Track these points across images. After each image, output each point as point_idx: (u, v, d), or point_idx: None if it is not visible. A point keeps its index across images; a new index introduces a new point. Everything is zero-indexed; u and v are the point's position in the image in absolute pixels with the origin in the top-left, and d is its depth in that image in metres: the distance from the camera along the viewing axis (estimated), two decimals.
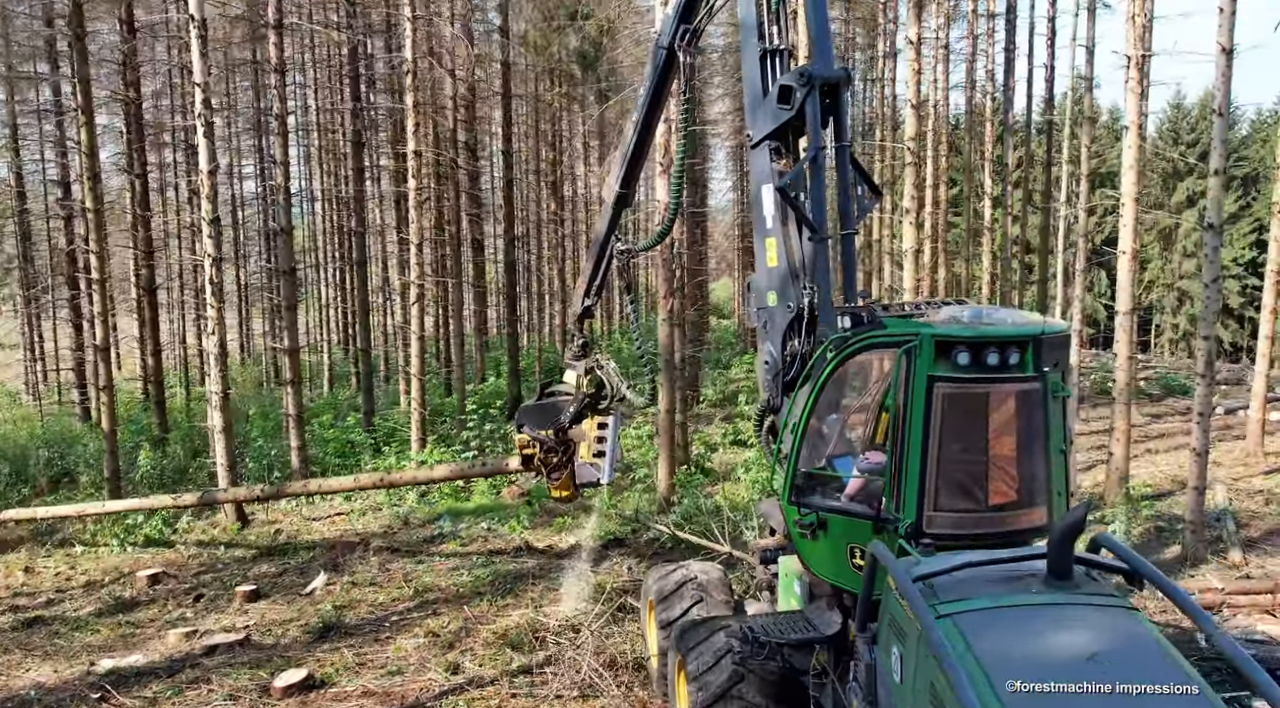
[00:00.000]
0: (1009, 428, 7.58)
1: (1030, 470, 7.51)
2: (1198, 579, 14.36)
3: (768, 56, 9.54)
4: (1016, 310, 8.34)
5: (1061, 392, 7.41)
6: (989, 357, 7.17)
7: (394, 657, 12.46)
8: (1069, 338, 7.78)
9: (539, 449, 12.63)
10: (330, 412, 30.17)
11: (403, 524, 18.93)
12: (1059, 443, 7.45)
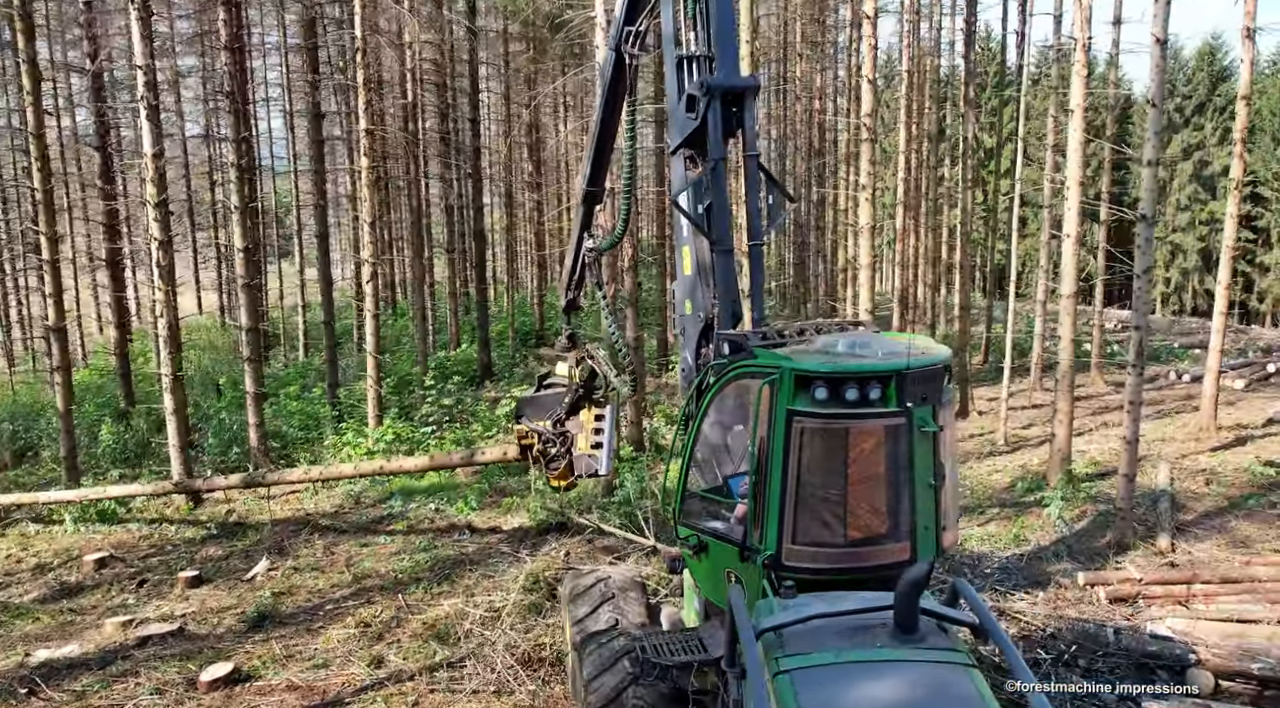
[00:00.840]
0: (870, 464, 7.47)
1: (893, 507, 7.39)
2: (1121, 569, 14.59)
3: (684, 63, 9.46)
4: (902, 339, 8.17)
5: (928, 427, 7.27)
6: (848, 392, 7.09)
7: (322, 648, 12.71)
8: (942, 370, 7.51)
9: (538, 440, 12.77)
10: (300, 381, 30.29)
11: (355, 503, 19.17)
12: (926, 478, 7.33)
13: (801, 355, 7.55)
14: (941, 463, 7.50)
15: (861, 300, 22.66)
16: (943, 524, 7.59)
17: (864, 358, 7.35)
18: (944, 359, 7.57)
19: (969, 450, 22.13)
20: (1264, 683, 11.11)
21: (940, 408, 7.46)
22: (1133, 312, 15.11)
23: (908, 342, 7.76)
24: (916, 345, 7.71)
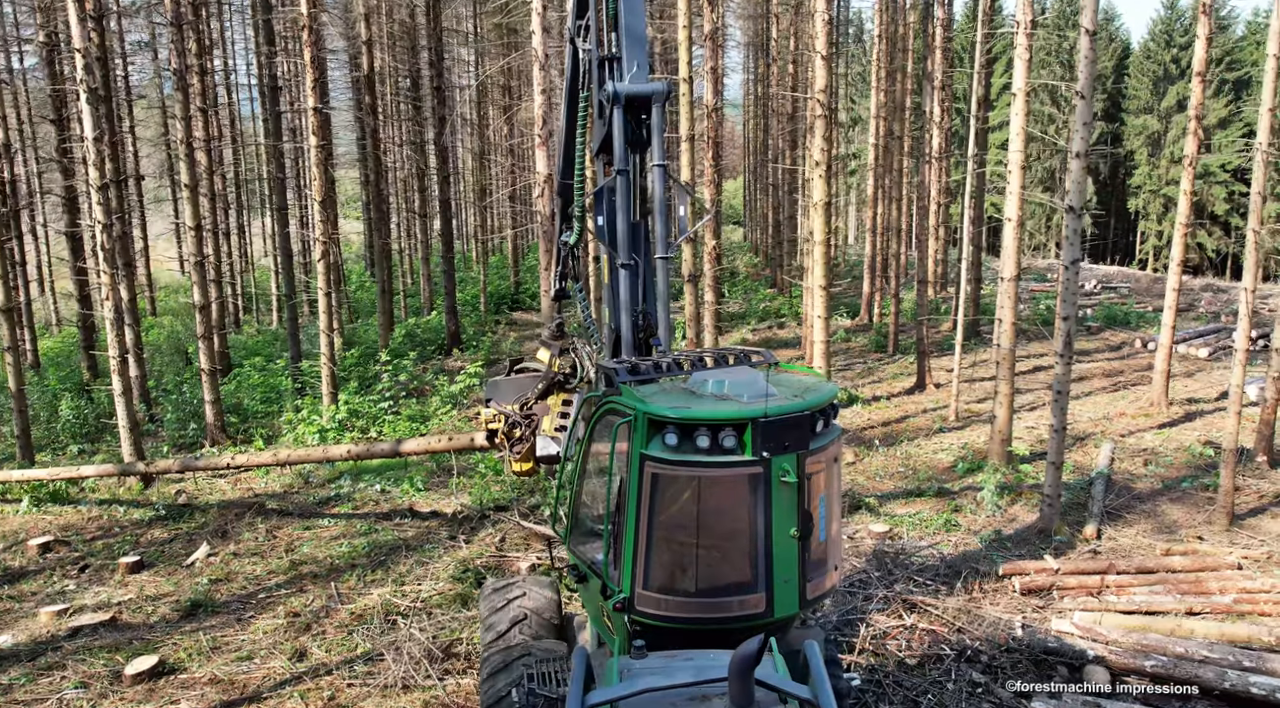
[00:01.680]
0: (724, 513, 7.13)
1: (748, 558, 7.02)
2: (1041, 559, 14.82)
3: (603, 64, 9.33)
4: (793, 374, 7.82)
5: (789, 477, 6.86)
6: (700, 439, 6.77)
7: (249, 640, 12.96)
8: (809, 417, 6.98)
9: (504, 423, 12.48)
10: (268, 349, 30.48)
11: (304, 483, 19.38)
12: (787, 529, 6.97)
13: (661, 396, 7.18)
14: (810, 513, 7.13)
15: (816, 276, 22.75)
16: (809, 576, 7.20)
17: (727, 401, 6.96)
18: (814, 404, 7.05)
19: (919, 426, 22.32)
20: (1157, 680, 11.38)
21: (810, 455, 7.03)
22: (1061, 303, 15.17)
23: (766, 385, 7.08)
24: (794, 386, 7.35)
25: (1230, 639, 12.25)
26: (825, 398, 7.19)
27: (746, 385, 7.12)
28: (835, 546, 7.62)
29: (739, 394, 7.04)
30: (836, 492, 7.57)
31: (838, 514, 7.65)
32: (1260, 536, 15.60)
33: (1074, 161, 14.61)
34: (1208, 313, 39.13)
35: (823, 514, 7.29)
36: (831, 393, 7.32)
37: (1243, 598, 13.34)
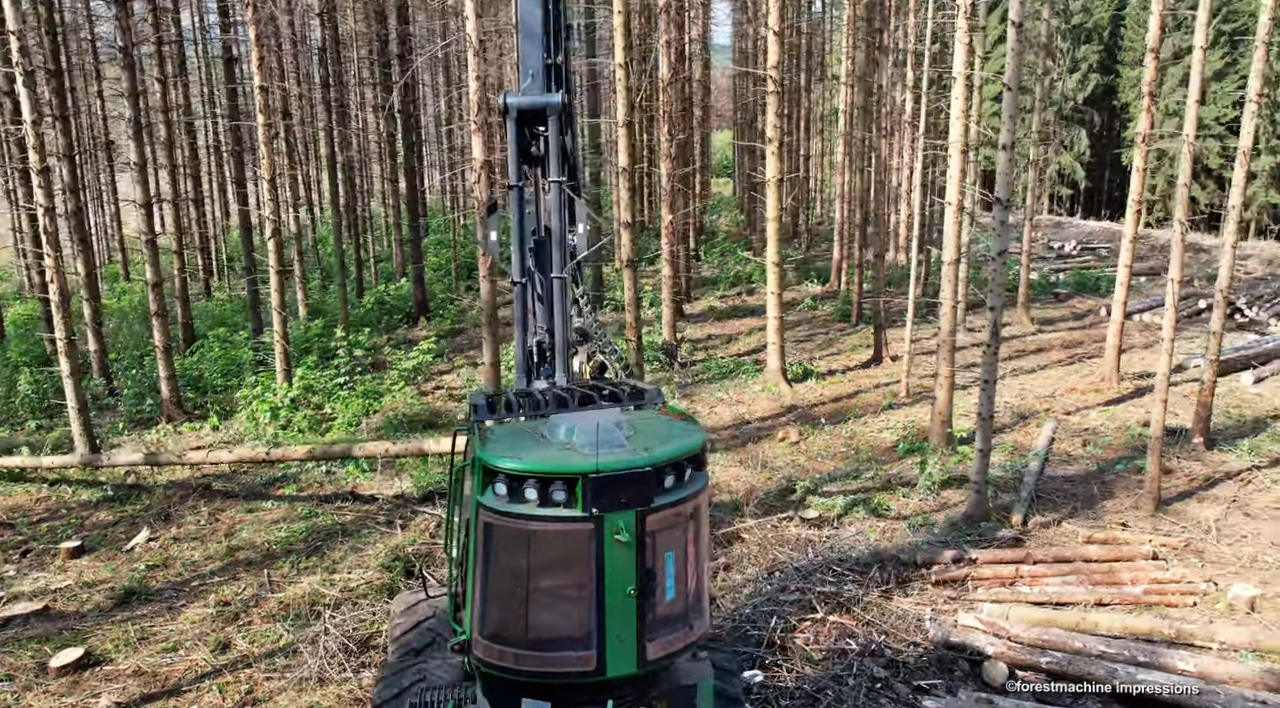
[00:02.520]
0: (554, 569, 6.92)
1: (578, 616, 6.81)
2: (964, 546, 15.05)
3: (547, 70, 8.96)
4: (664, 419, 7.39)
5: (622, 536, 6.60)
6: (528, 491, 6.63)
7: (178, 630, 13.23)
8: (660, 471, 6.71)
9: None
10: (234, 319, 30.55)
11: (252, 464, 19.55)
12: (623, 588, 6.70)
13: (505, 441, 7.01)
14: (652, 571, 6.85)
15: (769, 253, 22.80)
16: (653, 634, 6.89)
17: (567, 451, 6.71)
18: (660, 459, 6.71)
19: (870, 403, 22.48)
20: (1053, 676, 11.65)
21: (654, 512, 6.71)
22: (989, 294, 15.26)
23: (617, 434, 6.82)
24: (654, 435, 6.99)
25: (1133, 632, 12.52)
26: (679, 451, 6.85)
27: (596, 434, 6.82)
28: (697, 600, 7.26)
29: (583, 444, 6.76)
30: (700, 546, 7.24)
31: (700, 570, 7.28)
32: (1184, 522, 15.81)
33: (1001, 154, 14.61)
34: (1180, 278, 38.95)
35: (670, 572, 6.93)
36: (691, 445, 6.98)
37: (1153, 589, 13.59)
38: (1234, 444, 18.97)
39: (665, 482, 6.76)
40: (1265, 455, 18.50)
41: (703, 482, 7.10)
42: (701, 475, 7.11)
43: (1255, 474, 17.59)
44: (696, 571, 7.24)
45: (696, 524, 7.15)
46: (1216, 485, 17.17)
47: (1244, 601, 13.23)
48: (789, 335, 28.79)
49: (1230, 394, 22.51)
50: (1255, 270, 42.10)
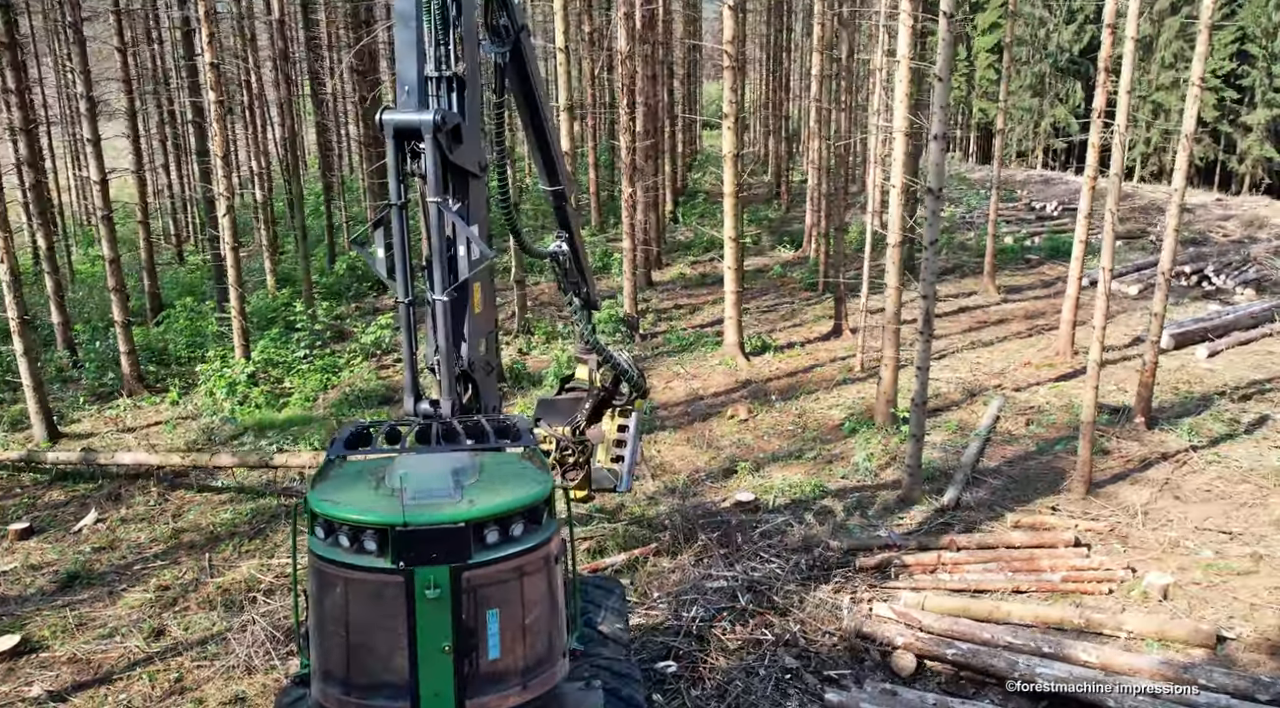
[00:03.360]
0: (367, 618, 6.80)
1: (392, 668, 6.75)
2: (893, 530, 15.33)
3: (428, 83, 8.60)
4: (503, 472, 7.17)
5: (433, 593, 6.50)
6: (342, 537, 6.67)
7: (115, 616, 13.54)
8: (481, 526, 6.64)
9: (555, 447, 11.84)
10: (203, 287, 30.64)
11: (208, 440, 19.81)
12: (437, 644, 6.60)
13: (339, 481, 7.09)
14: (472, 628, 6.71)
15: (726, 228, 22.87)
16: (476, 693, 6.79)
17: (390, 500, 6.65)
18: (481, 514, 6.61)
19: (824, 377, 22.67)
20: (958, 667, 11.97)
21: (472, 569, 6.62)
22: (921, 282, 15.38)
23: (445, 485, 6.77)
24: (491, 485, 6.90)
25: (1044, 621, 12.83)
26: (505, 506, 6.73)
27: (427, 481, 6.80)
28: (536, 658, 7.10)
29: (410, 493, 6.70)
30: (545, 601, 7.09)
31: (544, 626, 7.10)
32: (1113, 505, 16.08)
33: (933, 143, 14.66)
34: (1156, 241, 38.84)
35: (493, 630, 6.77)
36: (524, 498, 6.83)
37: (1071, 576, 13.87)
38: (1175, 424, 19.19)
39: (487, 538, 6.66)
40: (1205, 435, 18.73)
41: (543, 536, 6.95)
42: (541, 529, 6.94)
43: (1191, 456, 17.82)
44: (538, 627, 7.06)
45: (538, 579, 6.97)
46: (1151, 467, 17.42)
47: (1158, 589, 13.52)
48: (754, 305, 29.00)
49: (1181, 369, 22.71)
50: (1234, 233, 41.99)
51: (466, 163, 8.57)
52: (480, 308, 8.97)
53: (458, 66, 8.68)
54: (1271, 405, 20.35)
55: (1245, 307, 27.59)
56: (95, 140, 20.78)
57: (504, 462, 7.35)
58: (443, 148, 8.12)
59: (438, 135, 8.01)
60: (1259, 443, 18.44)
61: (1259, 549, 14.66)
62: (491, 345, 9.42)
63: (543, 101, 10.48)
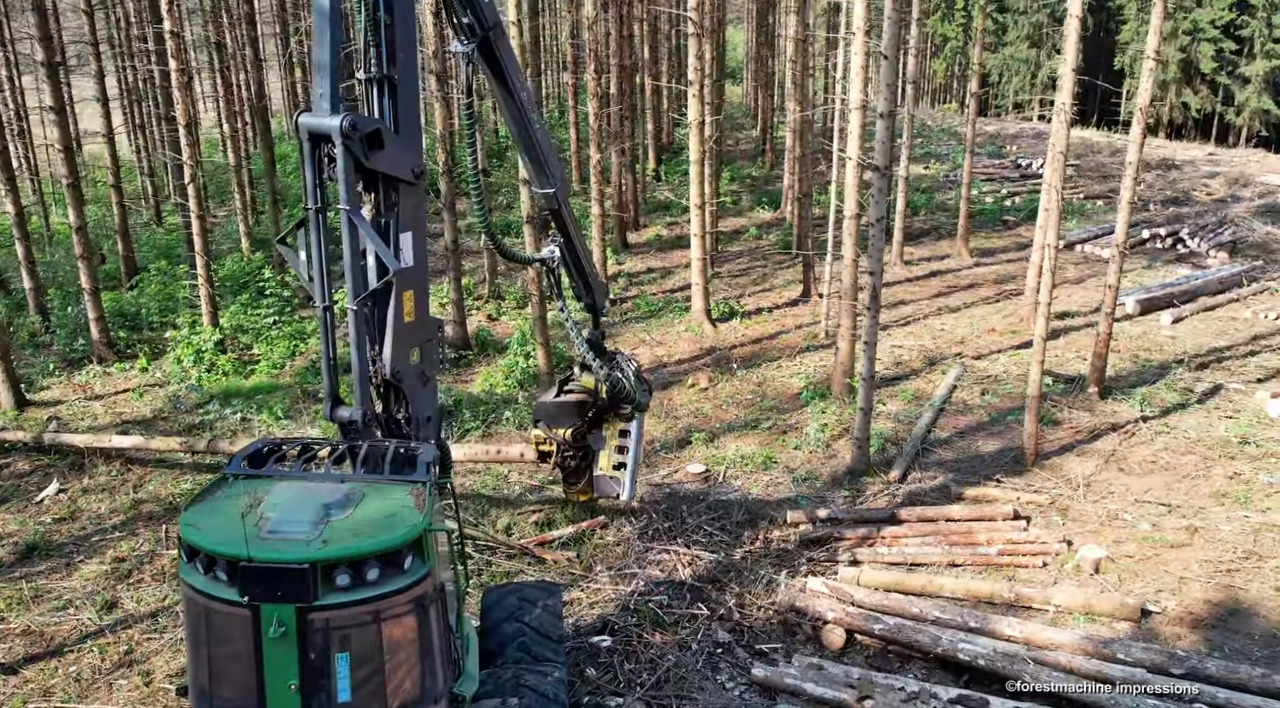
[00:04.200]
0: (222, 647, 6.93)
1: (246, 697, 6.83)
2: (839, 502, 15.61)
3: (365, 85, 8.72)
4: (372, 513, 7.07)
5: (275, 631, 6.53)
6: (199, 564, 6.79)
7: (71, 587, 13.84)
8: (328, 569, 6.60)
9: (557, 450, 11.97)
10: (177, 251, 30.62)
11: (173, 408, 20.02)
12: (285, 681, 6.64)
13: (219, 502, 7.17)
14: (319, 670, 6.72)
15: (692, 196, 22.93)
16: None
17: (245, 531, 6.64)
18: (326, 557, 6.56)
19: (788, 344, 22.84)
20: (885, 642, 12.28)
21: (319, 611, 6.61)
22: (868, 258, 15.52)
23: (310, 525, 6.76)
24: (358, 525, 6.85)
25: (975, 595, 13.14)
26: (359, 549, 6.63)
27: (292, 513, 6.82)
28: (399, 702, 7.06)
29: (270, 526, 6.72)
30: (401, 647, 7.01)
31: (404, 672, 7.06)
32: (1057, 477, 16.32)
33: (880, 123, 14.72)
34: (1138, 201, 38.76)
35: (343, 674, 6.70)
36: (383, 543, 6.72)
37: (1007, 550, 14.17)
38: (1129, 393, 19.39)
39: (337, 580, 6.60)
40: (1157, 405, 18.95)
41: (406, 580, 6.83)
42: (403, 574, 6.83)
43: (1141, 426, 18.04)
44: (401, 673, 7.01)
45: (400, 624, 6.90)
46: (1100, 438, 17.65)
47: (1090, 562, 13.81)
48: (727, 269, 29.14)
49: (1144, 337, 22.89)
50: (1217, 192, 41.86)
51: (392, 169, 8.43)
52: (412, 317, 8.76)
53: (389, 69, 8.55)
54: (1228, 374, 20.54)
55: (1215, 271, 27.71)
56: (58, 108, 20.77)
57: (388, 497, 7.26)
58: (355, 154, 8.00)
59: (349, 141, 7.91)
60: (1210, 413, 18.66)
61: (1195, 522, 14.93)
62: (431, 354, 9.14)
63: (526, 101, 10.23)
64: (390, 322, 8.52)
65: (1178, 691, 11.04)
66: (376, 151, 8.22)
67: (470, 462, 16.70)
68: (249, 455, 7.92)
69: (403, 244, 8.70)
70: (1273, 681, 11.07)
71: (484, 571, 13.80)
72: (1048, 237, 16.11)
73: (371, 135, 8.15)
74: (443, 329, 9.47)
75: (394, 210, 8.58)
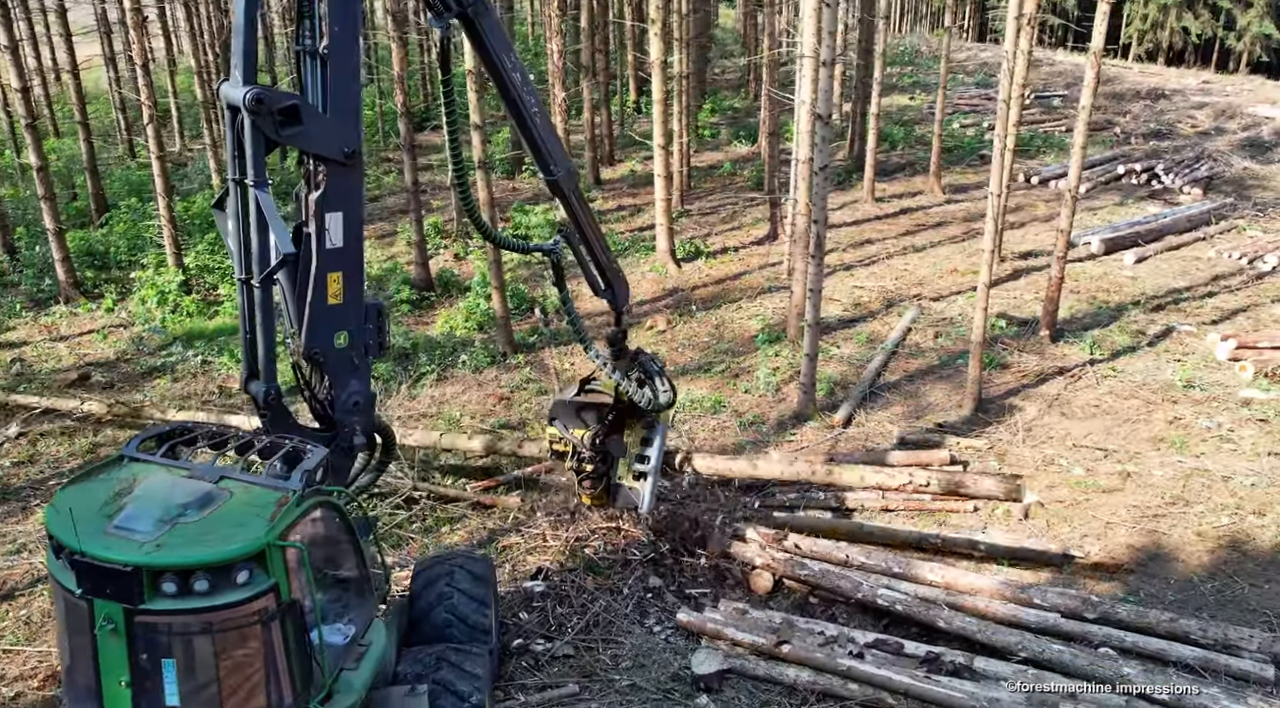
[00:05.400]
0: (69, 632, 7.05)
1: (86, 686, 6.96)
2: (783, 446, 15.90)
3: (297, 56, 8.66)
4: (230, 515, 7.04)
5: (104, 627, 6.60)
6: (53, 552, 6.95)
7: (25, 531, 14.19)
8: (160, 577, 6.61)
9: (572, 455, 11.84)
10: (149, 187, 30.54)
11: (137, 349, 20.24)
12: (118, 677, 6.72)
13: (91, 486, 7.33)
14: (147, 671, 6.76)
15: (655, 136, 22.87)
16: None
17: (97, 521, 6.76)
18: (151, 563, 6.54)
19: (751, 285, 22.97)
20: (810, 587, 12.64)
21: (146, 614, 6.62)
22: (812, 206, 15.60)
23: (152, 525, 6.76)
24: (200, 531, 6.81)
25: (903, 541, 13.49)
26: (185, 559, 6.58)
27: (145, 510, 6.84)
28: None
29: (117, 521, 6.75)
30: (238, 660, 6.98)
31: (241, 685, 7.02)
32: (999, 422, 16.57)
33: (822, 71, 14.68)
34: (1120, 134, 38.50)
35: (171, 679, 6.72)
36: (212, 556, 6.64)
37: (940, 495, 14.47)
38: (1081, 336, 19.58)
39: (163, 587, 6.59)
40: (1107, 348, 19.14)
41: (240, 595, 6.73)
42: (238, 588, 6.73)
43: (1089, 369, 18.26)
44: (237, 685, 6.99)
45: (236, 637, 6.83)
46: (1046, 382, 17.87)
47: (1020, 508, 14.14)
48: (698, 206, 29.12)
49: (1104, 277, 23.00)
50: (1203, 124, 41.54)
51: (313, 148, 8.31)
52: (339, 299, 8.61)
53: (320, 43, 8.32)
54: (1182, 316, 20.71)
55: (1184, 209, 27.68)
56: (11, 47, 20.61)
57: (251, 502, 7.19)
58: (264, 129, 7.90)
59: (255, 116, 7.80)
60: (1159, 356, 18.87)
61: (1130, 467, 15.22)
62: (364, 340, 8.98)
63: (518, 81, 9.82)
64: (309, 302, 8.42)
65: (1088, 634, 11.40)
66: (293, 128, 8.03)
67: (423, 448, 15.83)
68: (157, 437, 8.01)
69: (329, 225, 8.46)
70: (1179, 624, 11.42)
71: (428, 516, 14.15)
72: (991, 183, 16.10)
73: (289, 111, 7.97)
74: (384, 313, 9.26)
75: (320, 189, 8.39)
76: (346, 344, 8.83)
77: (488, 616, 10.34)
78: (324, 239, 8.40)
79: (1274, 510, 13.98)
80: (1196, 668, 10.86)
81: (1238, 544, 13.36)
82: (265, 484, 7.38)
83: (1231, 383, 17.68)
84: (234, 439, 8.23)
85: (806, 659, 11.02)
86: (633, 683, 11.04)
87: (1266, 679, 10.67)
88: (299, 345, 8.56)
